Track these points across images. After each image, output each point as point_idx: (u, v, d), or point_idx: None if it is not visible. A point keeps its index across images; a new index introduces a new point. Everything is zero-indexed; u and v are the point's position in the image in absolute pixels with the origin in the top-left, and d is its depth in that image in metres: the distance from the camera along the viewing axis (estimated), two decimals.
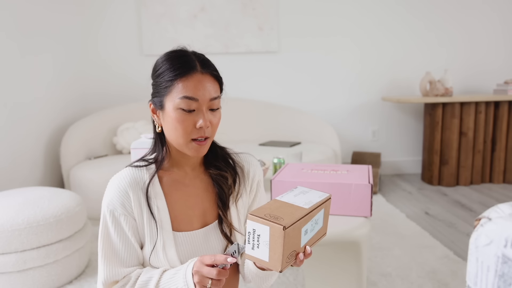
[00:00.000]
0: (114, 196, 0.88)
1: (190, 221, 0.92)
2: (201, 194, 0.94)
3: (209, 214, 0.94)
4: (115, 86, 3.54)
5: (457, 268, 1.97)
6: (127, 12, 3.48)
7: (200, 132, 0.85)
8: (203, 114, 0.85)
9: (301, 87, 3.68)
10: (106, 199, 0.89)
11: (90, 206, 2.58)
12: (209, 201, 0.95)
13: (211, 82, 0.86)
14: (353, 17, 3.63)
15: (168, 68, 0.85)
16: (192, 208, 0.93)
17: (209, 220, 0.94)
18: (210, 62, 0.89)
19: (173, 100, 0.84)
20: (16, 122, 2.57)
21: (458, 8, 3.68)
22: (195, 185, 0.94)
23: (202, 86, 0.84)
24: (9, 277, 1.71)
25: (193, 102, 0.84)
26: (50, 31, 3.00)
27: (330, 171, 1.52)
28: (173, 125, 0.85)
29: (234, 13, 3.50)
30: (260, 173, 1.03)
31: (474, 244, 0.48)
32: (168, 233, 0.89)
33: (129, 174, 0.90)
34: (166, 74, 0.85)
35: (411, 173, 3.87)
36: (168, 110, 0.85)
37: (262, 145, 3.12)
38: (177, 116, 0.84)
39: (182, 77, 0.84)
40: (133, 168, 0.91)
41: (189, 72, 0.84)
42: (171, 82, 0.84)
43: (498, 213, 0.47)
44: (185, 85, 0.83)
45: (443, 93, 3.33)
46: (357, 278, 1.30)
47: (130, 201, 0.88)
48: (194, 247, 0.91)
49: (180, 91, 0.83)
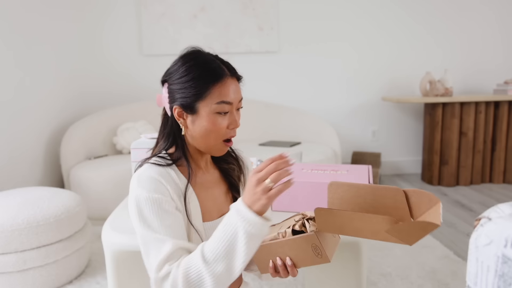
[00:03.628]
0: (151, 185, 0.85)
1: (210, 213, 0.96)
2: (215, 187, 1.00)
3: (224, 204, 1.00)
4: (115, 86, 3.54)
5: (457, 268, 1.97)
6: (127, 12, 3.48)
7: (231, 132, 0.92)
8: (234, 115, 0.91)
9: (301, 87, 3.68)
10: (142, 189, 0.84)
11: (90, 206, 2.58)
12: (222, 193, 1.01)
13: (237, 84, 0.93)
14: (353, 18, 3.63)
15: (200, 74, 0.88)
16: (210, 200, 0.97)
17: (225, 209, 0.98)
18: (231, 64, 0.95)
19: (209, 105, 0.88)
20: (16, 121, 2.57)
21: (458, 8, 3.68)
22: (208, 179, 0.99)
23: (233, 90, 0.90)
24: (9, 277, 1.71)
25: (228, 106, 0.89)
26: (51, 30, 3.00)
27: (330, 171, 1.52)
28: (207, 128, 0.89)
29: (234, 13, 3.50)
30: (250, 164, 1.13)
31: (474, 244, 0.48)
32: (199, 225, 0.92)
33: (154, 168, 0.89)
34: (198, 79, 0.88)
35: (411, 173, 3.87)
36: (203, 115, 0.89)
37: (262, 145, 3.12)
38: (214, 119, 0.89)
39: (217, 82, 0.88)
40: (156, 166, 0.90)
41: (222, 78, 0.89)
42: (206, 88, 0.88)
43: (498, 213, 0.47)
44: (221, 90, 0.88)
45: (443, 93, 3.33)
46: (357, 278, 1.30)
47: (166, 187, 0.87)
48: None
49: (217, 97, 0.88)
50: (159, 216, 0.83)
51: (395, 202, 0.79)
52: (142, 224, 0.83)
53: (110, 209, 2.31)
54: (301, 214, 0.90)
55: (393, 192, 0.80)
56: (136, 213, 0.83)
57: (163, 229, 0.82)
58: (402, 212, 0.78)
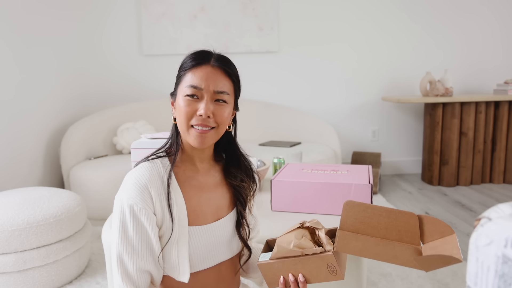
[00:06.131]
0: (133, 191, 0.86)
1: (204, 216, 0.94)
2: (213, 190, 0.97)
3: (221, 209, 0.97)
4: (115, 86, 3.54)
5: (457, 268, 1.97)
6: (127, 12, 3.48)
7: (198, 119, 0.89)
8: (204, 102, 0.89)
9: (301, 87, 3.68)
10: (125, 194, 0.86)
11: (90, 206, 2.58)
12: (221, 197, 0.98)
13: (221, 76, 0.90)
14: (353, 19, 3.63)
15: (185, 62, 0.92)
16: (205, 203, 0.95)
17: (221, 214, 0.97)
18: (229, 61, 0.93)
19: (182, 89, 0.90)
20: (16, 121, 2.57)
21: (458, 9, 3.68)
22: (207, 181, 0.97)
23: (208, 77, 0.89)
24: (9, 277, 1.71)
25: (197, 91, 0.89)
26: (51, 30, 3.00)
27: (330, 171, 1.52)
28: (178, 110, 0.91)
29: (234, 13, 3.50)
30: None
31: (474, 244, 0.48)
32: (184, 228, 0.89)
33: (147, 169, 0.89)
34: (182, 67, 0.92)
35: (411, 173, 3.87)
36: (178, 99, 0.92)
37: (262, 145, 3.12)
38: (183, 102, 0.89)
39: (193, 67, 0.90)
40: (149, 162, 0.91)
41: (200, 64, 0.90)
42: (184, 72, 0.91)
43: (498, 213, 0.47)
44: (193, 74, 0.89)
45: (443, 93, 3.33)
46: (357, 278, 1.30)
47: (151, 196, 0.86)
48: (206, 240, 0.92)
49: (188, 79, 0.89)
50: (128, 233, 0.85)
51: (408, 225, 0.82)
52: (118, 229, 0.86)
53: (110, 209, 2.31)
54: (301, 224, 0.92)
55: (407, 217, 0.83)
56: (118, 216, 0.86)
57: (139, 244, 0.85)
58: (413, 236, 0.82)
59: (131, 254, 0.85)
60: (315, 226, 0.90)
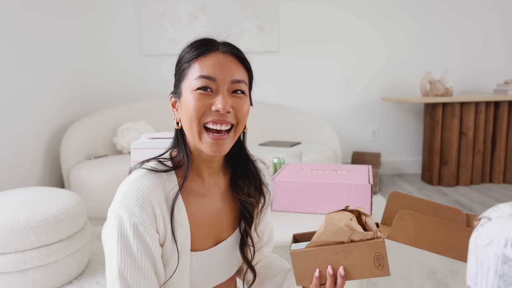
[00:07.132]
0: (136, 207, 0.71)
1: (206, 239, 0.82)
2: (218, 207, 0.83)
3: (225, 229, 0.85)
4: (115, 86, 3.54)
5: (457, 268, 1.97)
6: (127, 12, 3.48)
7: (214, 115, 0.73)
8: (221, 95, 0.73)
9: (301, 87, 3.68)
10: (125, 209, 0.72)
11: (90, 206, 2.58)
12: (226, 214, 0.85)
13: (235, 64, 0.76)
14: (353, 19, 3.63)
15: (186, 52, 0.76)
16: (209, 224, 0.82)
17: (223, 236, 0.85)
18: (238, 47, 0.80)
19: (189, 84, 0.73)
20: (16, 121, 2.57)
21: (458, 8, 3.68)
22: (213, 195, 0.83)
23: (221, 64, 0.74)
24: (9, 277, 1.71)
25: (210, 82, 0.72)
26: (51, 30, 3.00)
27: (330, 171, 1.52)
28: (187, 109, 0.73)
29: (234, 13, 3.50)
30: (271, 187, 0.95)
31: (474, 244, 0.48)
32: (186, 255, 0.78)
33: (149, 181, 0.74)
34: (184, 57, 0.76)
35: (411, 173, 3.87)
36: (184, 96, 0.74)
37: (262, 145, 3.12)
38: (192, 97, 0.72)
39: (200, 56, 0.74)
40: (152, 173, 0.75)
41: (209, 52, 0.74)
42: (188, 64, 0.75)
43: (498, 213, 0.47)
44: (202, 63, 0.73)
45: (443, 93, 3.33)
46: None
47: (154, 214, 0.73)
48: (208, 266, 0.82)
49: (197, 70, 0.73)
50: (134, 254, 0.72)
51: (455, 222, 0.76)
52: (118, 247, 0.71)
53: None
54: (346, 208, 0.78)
55: (455, 213, 0.78)
56: (117, 232, 0.72)
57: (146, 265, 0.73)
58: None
59: (135, 278, 0.71)
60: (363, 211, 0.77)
